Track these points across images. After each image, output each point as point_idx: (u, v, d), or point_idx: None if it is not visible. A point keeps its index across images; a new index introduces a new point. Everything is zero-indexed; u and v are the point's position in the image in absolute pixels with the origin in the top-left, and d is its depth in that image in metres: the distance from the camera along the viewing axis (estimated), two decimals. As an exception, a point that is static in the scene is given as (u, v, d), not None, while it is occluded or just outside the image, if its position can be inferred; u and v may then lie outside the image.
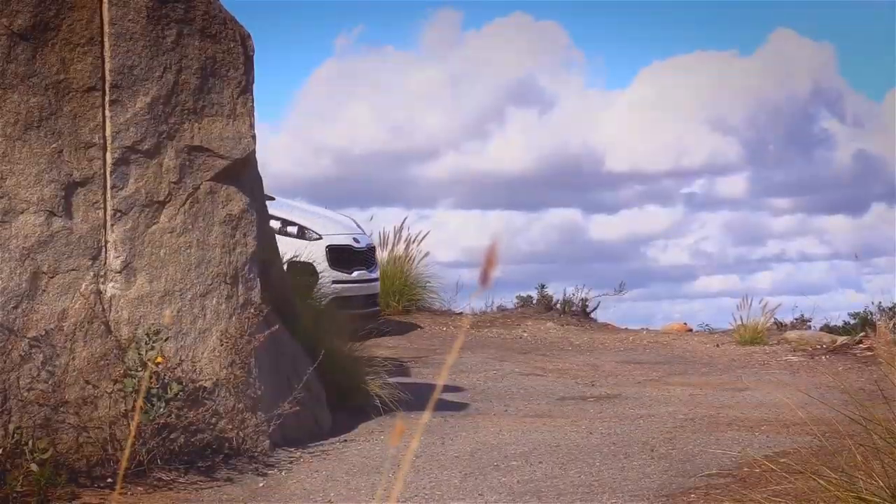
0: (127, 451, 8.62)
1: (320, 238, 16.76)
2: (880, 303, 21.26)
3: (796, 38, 52.13)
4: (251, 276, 9.90)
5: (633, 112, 46.23)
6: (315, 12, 49.62)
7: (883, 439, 4.15)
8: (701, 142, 46.31)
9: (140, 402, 8.64)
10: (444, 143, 49.29)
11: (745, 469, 7.58)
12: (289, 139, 49.07)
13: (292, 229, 16.54)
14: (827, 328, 20.40)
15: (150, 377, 8.73)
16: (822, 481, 4.04)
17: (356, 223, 18.71)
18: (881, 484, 3.79)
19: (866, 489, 3.83)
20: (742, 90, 48.54)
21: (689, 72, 46.83)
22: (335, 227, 17.60)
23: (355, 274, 16.63)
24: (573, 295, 21.20)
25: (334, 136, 48.92)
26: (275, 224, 13.67)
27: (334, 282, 15.79)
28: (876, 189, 48.32)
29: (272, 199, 15.59)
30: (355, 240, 17.10)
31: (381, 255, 20.52)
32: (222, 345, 9.45)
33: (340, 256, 16.98)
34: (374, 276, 17.84)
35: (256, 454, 9.38)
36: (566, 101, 48.53)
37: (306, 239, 16.49)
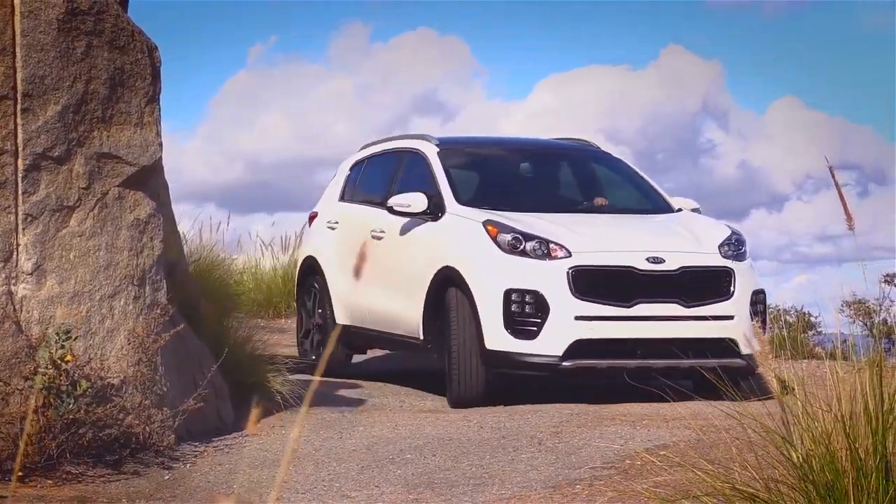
0: (22, 447, 8.60)
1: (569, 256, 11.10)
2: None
3: (686, 55, 52.52)
4: (158, 277, 9.91)
5: (531, 122, 46.30)
6: (230, 24, 49.34)
7: (756, 433, 4.26)
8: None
9: (49, 399, 8.63)
10: (351, 150, 49.11)
11: (628, 461, 7.66)
12: (202, 145, 48.76)
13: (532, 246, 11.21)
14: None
15: (60, 375, 8.72)
16: (699, 473, 4.13)
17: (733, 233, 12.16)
18: (755, 475, 3.89)
19: (741, 480, 3.94)
20: (634, 103, 48.84)
21: (584, 84, 46.99)
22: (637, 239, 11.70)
23: (639, 308, 10.94)
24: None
25: (246, 142, 48.63)
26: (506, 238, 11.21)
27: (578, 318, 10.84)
28: (756, 196, 48.79)
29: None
30: (653, 259, 11.06)
31: (282, 258, 20.44)
32: (129, 344, 9.45)
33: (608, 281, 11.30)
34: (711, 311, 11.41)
35: (162, 448, 9.38)
36: (467, 112, 48.47)
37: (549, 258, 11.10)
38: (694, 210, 12.99)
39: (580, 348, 10.93)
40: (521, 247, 11.22)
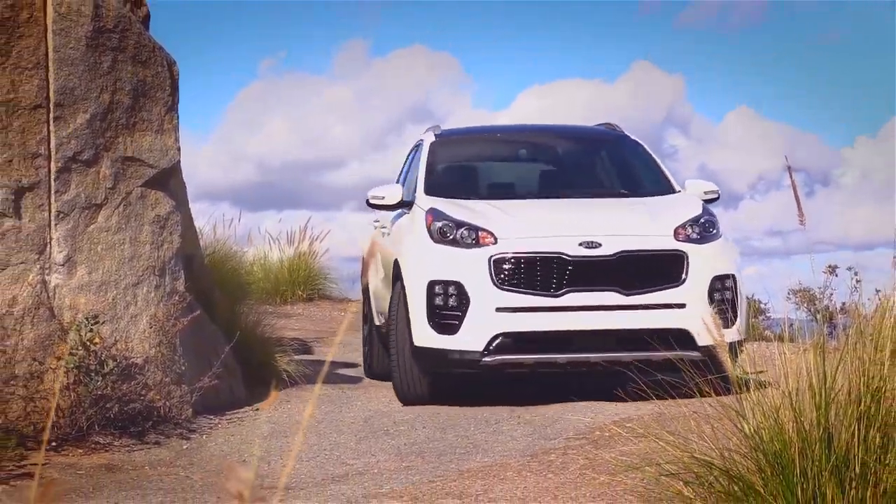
0: (55, 420, 8.59)
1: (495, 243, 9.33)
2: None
3: (652, 69, 52.75)
4: (176, 268, 9.90)
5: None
6: (243, 39, 49.43)
7: (713, 407, 4.26)
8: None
9: (79, 377, 8.63)
10: (350, 153, 49.27)
11: (597, 433, 7.66)
12: (217, 149, 48.88)
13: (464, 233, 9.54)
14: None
15: (89, 355, 8.72)
16: (661, 443, 4.12)
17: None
18: (711, 445, 3.89)
19: (698, 449, 3.93)
20: (606, 112, 49.09)
21: (562, 95, 47.02)
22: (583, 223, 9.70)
23: (568, 298, 9.10)
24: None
25: (256, 146, 48.76)
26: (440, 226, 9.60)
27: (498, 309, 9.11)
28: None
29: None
30: (587, 244, 9.19)
31: (288, 251, 20.43)
32: (151, 327, 9.45)
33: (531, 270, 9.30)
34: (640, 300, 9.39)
35: (181, 421, 9.38)
36: (455, 119, 48.69)
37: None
38: (709, 193, 10.47)
39: (503, 342, 9.10)
40: (451, 235, 9.50)
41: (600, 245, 9.12)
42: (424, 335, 9.28)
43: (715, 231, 9.67)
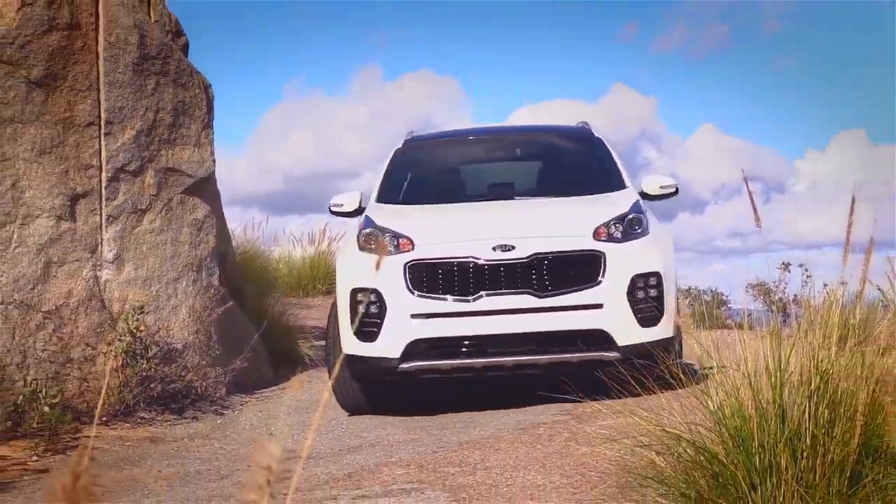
0: (101, 398, 8.60)
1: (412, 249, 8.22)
2: (679, 286, 21.49)
3: (629, 91, 53.06)
4: (212, 265, 9.91)
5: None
6: (271, 64, 49.59)
7: (681, 387, 4.27)
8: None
9: (126, 360, 8.64)
10: (364, 165, 49.59)
11: (580, 410, 7.63)
12: (248, 161, 49.13)
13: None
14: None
15: (135, 341, 8.73)
16: (636, 418, 4.12)
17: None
18: (680, 420, 3.90)
19: (669, 423, 3.94)
20: (588, 129, 49.24)
21: (550, 114, 47.10)
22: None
23: (482, 302, 7.94)
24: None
25: (282, 158, 48.98)
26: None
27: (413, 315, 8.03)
28: (682, 202, 49.17)
29: None
30: (501, 247, 8.03)
31: (310, 250, 20.42)
32: (190, 317, 9.46)
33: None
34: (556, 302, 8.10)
35: (215, 399, 9.39)
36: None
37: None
38: (665, 187, 9.43)
39: (419, 349, 7.97)
40: (375, 242, 8.39)
41: (514, 248, 7.97)
42: (350, 342, 8.19)
43: (640, 229, 8.42)
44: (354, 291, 8.17)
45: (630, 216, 8.45)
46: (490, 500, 4.98)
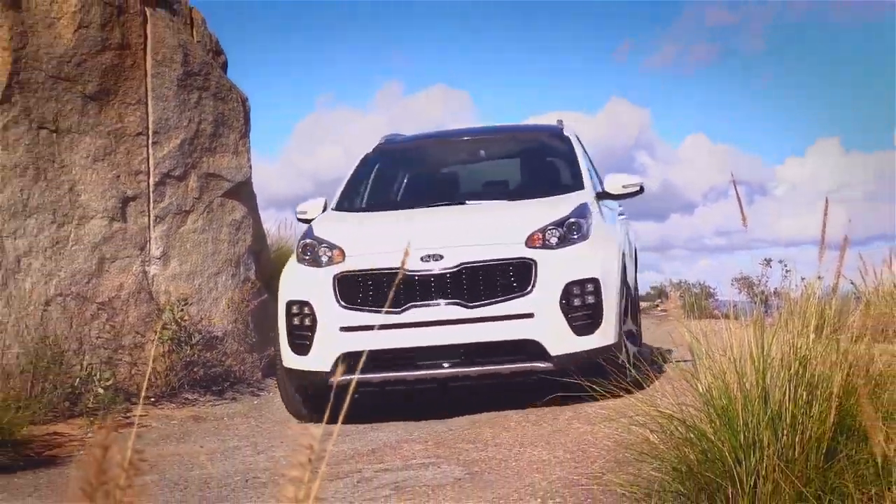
0: (151, 380, 8.62)
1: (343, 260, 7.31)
2: (671, 280, 21.53)
3: (625, 104, 53.22)
4: (249, 261, 9.93)
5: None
6: (304, 80, 49.84)
7: (673, 371, 4.26)
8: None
9: (172, 346, 8.67)
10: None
11: (581, 391, 7.61)
12: (282, 167, 49.35)
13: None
14: (636, 296, 20.63)
15: (180, 329, 8.75)
16: (633, 399, 4.13)
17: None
18: (672, 401, 3.90)
19: (662, 404, 3.94)
20: (588, 139, 49.40)
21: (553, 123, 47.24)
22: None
23: (411, 314, 7.00)
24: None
25: (312, 165, 49.10)
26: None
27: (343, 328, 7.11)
28: (674, 204, 49.27)
29: None
30: (429, 257, 7.07)
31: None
32: (229, 308, 9.48)
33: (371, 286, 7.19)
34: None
35: (252, 382, 9.42)
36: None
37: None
38: (628, 186, 8.35)
39: (349, 362, 6.93)
40: (310, 254, 7.41)
41: (442, 257, 6.98)
42: (287, 356, 7.35)
43: (578, 234, 7.29)
44: (289, 304, 7.31)
45: (570, 220, 7.36)
46: (500, 473, 4.99)
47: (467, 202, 8.34)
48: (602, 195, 8.35)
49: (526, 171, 9.43)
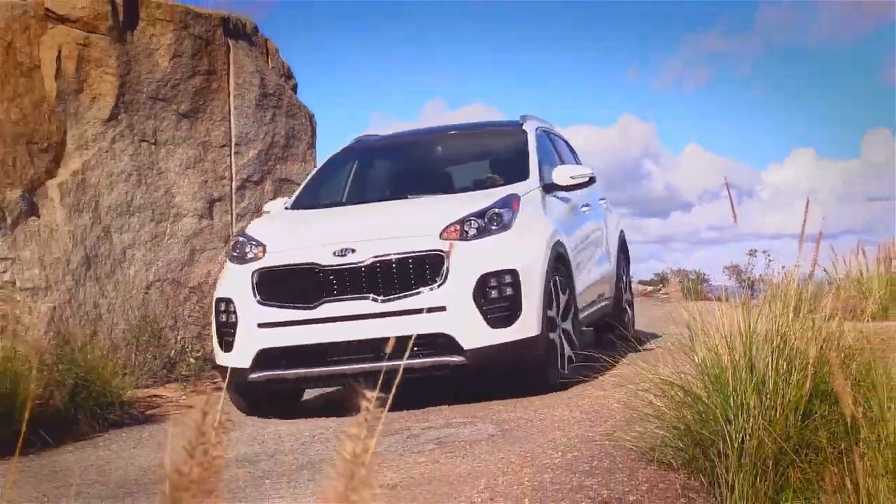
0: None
1: (258, 257, 6.37)
2: (671, 268, 21.42)
3: (634, 119, 53.07)
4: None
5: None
6: (361, 98, 50.04)
7: (673, 345, 4.26)
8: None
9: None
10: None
11: (592, 362, 7.55)
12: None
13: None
14: (642, 282, 20.55)
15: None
16: (638, 368, 4.12)
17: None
18: (672, 370, 3.90)
19: (664, 373, 3.95)
20: (602, 149, 49.23)
21: (572, 136, 47.28)
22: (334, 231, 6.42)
23: (324, 309, 6.02)
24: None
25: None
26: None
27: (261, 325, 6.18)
28: (675, 203, 49.06)
29: None
30: (341, 252, 6.07)
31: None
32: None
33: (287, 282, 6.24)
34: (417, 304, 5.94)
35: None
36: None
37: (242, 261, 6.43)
38: (576, 177, 7.18)
39: (267, 358, 6.09)
40: (239, 251, 6.43)
41: (354, 251, 5.95)
42: (217, 352, 6.48)
43: (499, 225, 6.19)
44: (217, 302, 6.39)
45: (492, 211, 6.24)
46: (527, 430, 5.01)
47: (409, 197, 7.05)
48: (551, 187, 7.16)
49: (473, 166, 8.18)
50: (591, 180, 7.36)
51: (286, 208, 7.40)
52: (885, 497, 2.58)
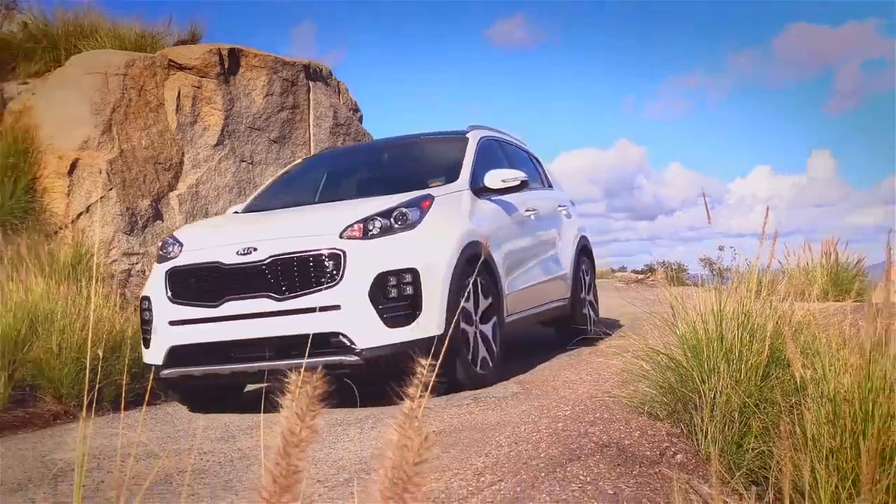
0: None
1: (178, 254, 5.29)
2: (657, 260, 21.28)
3: (629, 143, 52.90)
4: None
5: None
6: (409, 125, 50.03)
7: (660, 321, 4.26)
8: (573, 189, 45.75)
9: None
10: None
11: (592, 336, 7.52)
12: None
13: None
14: (634, 271, 20.43)
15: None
16: (631, 339, 4.14)
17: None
18: (659, 341, 3.91)
19: (652, 343, 3.95)
20: (603, 167, 49.22)
21: (579, 159, 47.24)
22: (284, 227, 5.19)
23: (227, 307, 4.87)
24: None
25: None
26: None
27: (172, 323, 5.07)
28: (661, 209, 49.09)
29: None
30: (243, 251, 4.91)
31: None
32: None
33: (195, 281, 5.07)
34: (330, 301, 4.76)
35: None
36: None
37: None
38: (507, 181, 5.97)
39: (177, 355, 5.11)
40: (163, 251, 5.41)
41: (255, 250, 4.95)
42: (143, 350, 5.38)
43: (403, 224, 5.04)
44: (141, 300, 5.39)
45: (398, 211, 5.09)
46: (543, 389, 5.03)
47: (334, 201, 5.85)
48: (481, 190, 5.96)
49: (411, 171, 6.51)
50: (523, 184, 6.08)
51: (235, 212, 6.46)
52: (826, 441, 2.60)
